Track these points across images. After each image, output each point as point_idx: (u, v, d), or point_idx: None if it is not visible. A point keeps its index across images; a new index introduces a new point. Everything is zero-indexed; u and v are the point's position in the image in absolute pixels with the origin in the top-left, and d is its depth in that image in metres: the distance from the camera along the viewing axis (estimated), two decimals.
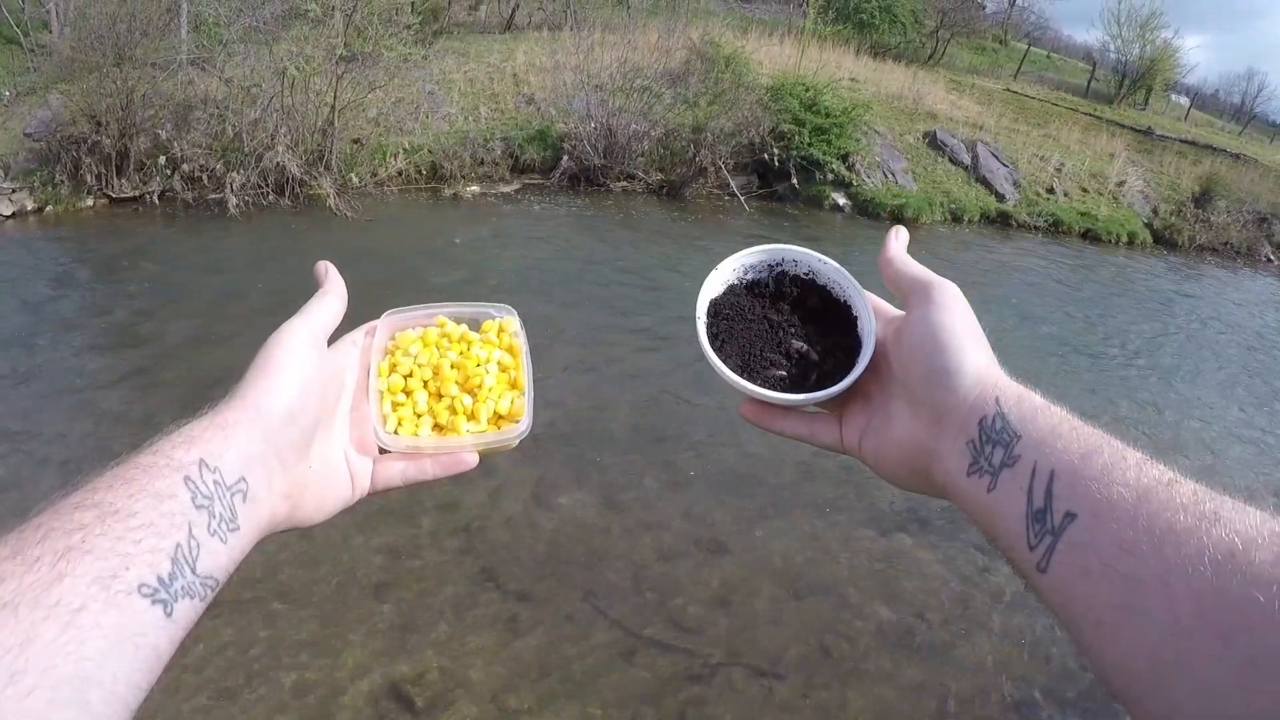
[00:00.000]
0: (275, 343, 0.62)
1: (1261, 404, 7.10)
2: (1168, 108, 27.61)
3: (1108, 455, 0.47)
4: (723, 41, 13.13)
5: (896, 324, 0.64)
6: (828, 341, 0.70)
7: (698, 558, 3.77)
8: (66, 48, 9.00)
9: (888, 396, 0.64)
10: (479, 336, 0.76)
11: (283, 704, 2.76)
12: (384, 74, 9.23)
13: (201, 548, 0.48)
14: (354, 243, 7.81)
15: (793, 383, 0.67)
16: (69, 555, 0.41)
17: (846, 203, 11.92)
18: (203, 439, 0.52)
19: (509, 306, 0.78)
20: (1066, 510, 0.46)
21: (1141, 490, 0.44)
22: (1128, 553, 0.42)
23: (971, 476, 0.53)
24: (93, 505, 0.45)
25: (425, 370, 0.72)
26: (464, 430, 0.70)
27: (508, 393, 0.73)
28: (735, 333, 0.71)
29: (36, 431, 4.15)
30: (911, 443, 0.59)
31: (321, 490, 0.62)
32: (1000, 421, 0.53)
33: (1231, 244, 14.59)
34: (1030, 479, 0.49)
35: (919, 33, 22.91)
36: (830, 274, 0.74)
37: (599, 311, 6.59)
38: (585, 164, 10.74)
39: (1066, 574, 0.45)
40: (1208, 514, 0.41)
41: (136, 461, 0.49)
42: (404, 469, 0.67)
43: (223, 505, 0.51)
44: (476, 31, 15.21)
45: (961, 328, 0.59)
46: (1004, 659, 3.39)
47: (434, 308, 0.76)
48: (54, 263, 6.51)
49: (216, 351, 5.12)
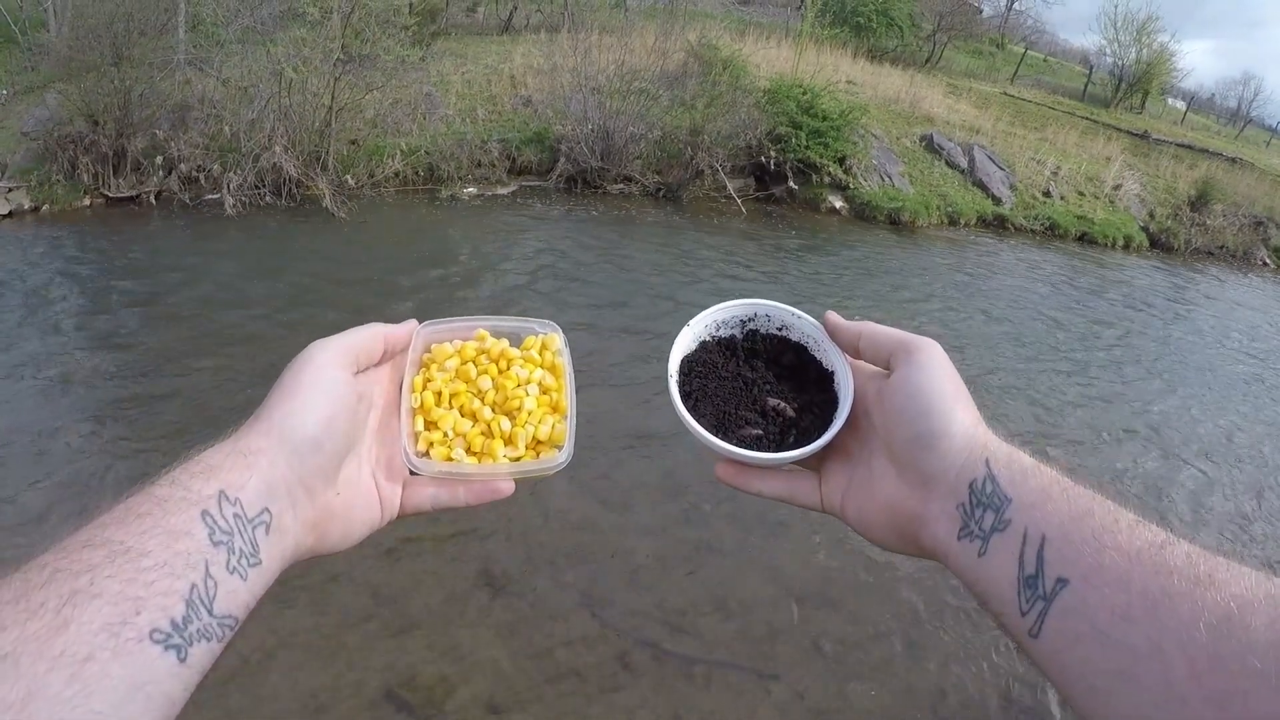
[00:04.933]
0: (303, 362, 0.58)
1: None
2: (1164, 112, 27.68)
3: (1099, 518, 0.46)
4: (720, 44, 13.14)
5: (878, 383, 0.63)
6: (804, 398, 0.69)
7: (694, 560, 3.78)
8: (64, 47, 9.00)
9: (869, 454, 0.62)
10: (520, 354, 0.71)
11: (277, 706, 2.76)
12: (381, 75, 9.23)
13: (220, 587, 0.45)
14: (350, 244, 7.81)
15: (769, 441, 0.65)
16: (75, 600, 0.39)
17: (843, 205, 11.93)
18: (223, 468, 0.50)
19: (553, 323, 0.73)
20: (1058, 576, 0.45)
21: (1133, 554, 0.43)
22: (1121, 618, 0.42)
23: (962, 541, 0.52)
24: (102, 544, 0.42)
25: (460, 387, 0.68)
26: (500, 455, 0.66)
27: (548, 417, 0.68)
28: (709, 391, 0.69)
29: (29, 432, 4.15)
30: (898, 507, 0.58)
31: (349, 516, 0.59)
32: (990, 485, 0.51)
33: (1227, 247, 14.65)
34: (1021, 544, 0.48)
35: (916, 36, 22.94)
36: (805, 329, 0.72)
37: (595, 313, 6.60)
38: (582, 166, 10.74)
39: (1059, 640, 0.44)
40: (1202, 577, 0.41)
41: (152, 494, 0.46)
42: (435, 494, 0.64)
43: (243, 540, 0.48)
44: (474, 33, 15.21)
45: (947, 389, 0.57)
46: (1001, 659, 3.39)
47: (474, 320, 0.72)
48: (50, 262, 6.50)
49: (213, 353, 5.12)
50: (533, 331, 0.73)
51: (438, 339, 0.70)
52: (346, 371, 0.59)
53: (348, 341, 0.61)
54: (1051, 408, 6.18)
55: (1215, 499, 5.21)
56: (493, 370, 0.69)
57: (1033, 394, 6.38)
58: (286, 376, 0.57)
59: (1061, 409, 6.19)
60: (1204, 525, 4.88)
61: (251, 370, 4.89)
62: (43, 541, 0.42)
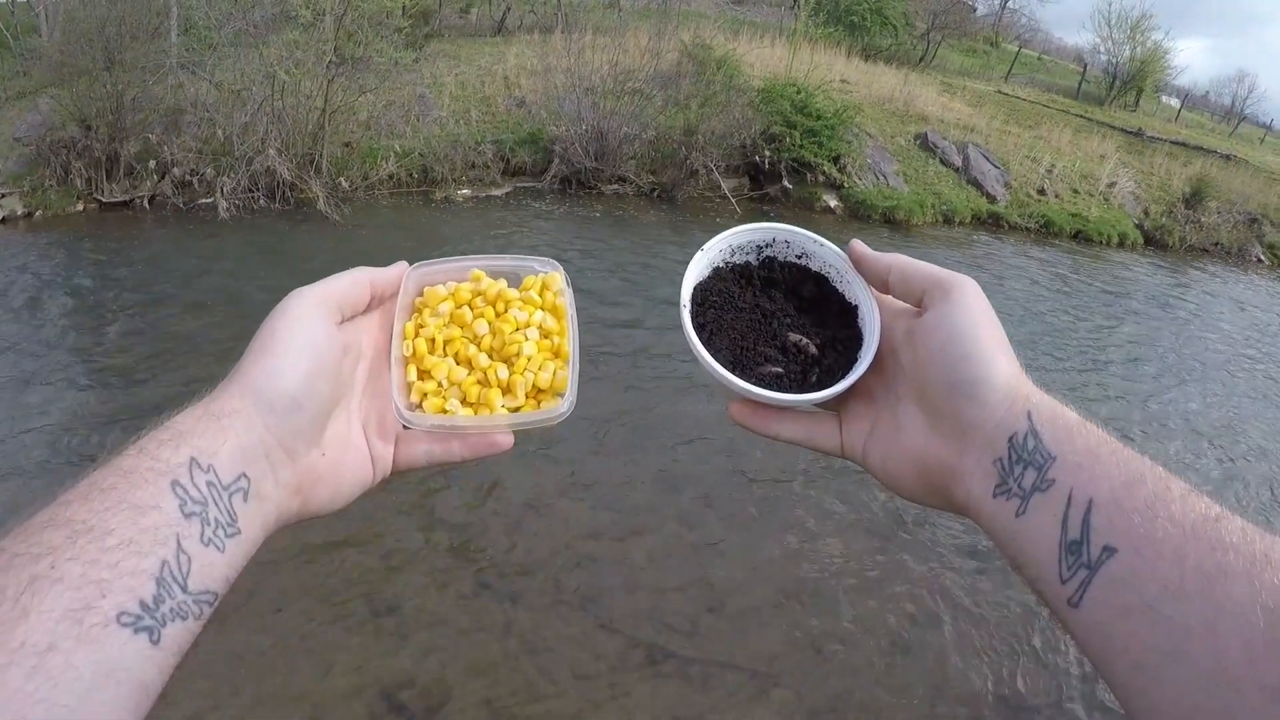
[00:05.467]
0: (279, 314, 0.53)
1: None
2: (1158, 109, 27.75)
3: (1151, 485, 0.43)
4: (714, 44, 13.15)
5: (907, 321, 0.59)
6: (826, 333, 0.64)
7: (690, 560, 3.78)
8: (56, 51, 8.98)
9: (895, 398, 0.58)
10: (518, 295, 0.66)
11: (273, 709, 2.75)
12: (375, 77, 9.23)
13: (194, 561, 0.42)
14: (344, 246, 7.79)
15: (790, 380, 0.61)
16: (35, 586, 0.36)
17: (838, 204, 11.93)
18: (194, 433, 0.46)
19: (553, 260, 0.69)
20: (1105, 544, 0.42)
21: (1188, 526, 0.41)
22: (1173, 595, 0.39)
23: (998, 498, 0.49)
24: (63, 523, 0.39)
25: (455, 333, 0.64)
26: (498, 406, 0.62)
27: (549, 363, 0.64)
28: (724, 323, 0.64)
29: (21, 437, 4.13)
30: (928, 456, 0.54)
31: (337, 477, 0.55)
32: (1033, 440, 0.48)
33: (1222, 244, 14.67)
34: (1065, 507, 0.45)
35: (910, 35, 22.98)
36: (827, 257, 0.67)
37: (590, 313, 6.59)
38: (576, 166, 10.73)
39: (1102, 611, 0.42)
40: (1259, 556, 0.38)
41: (118, 465, 0.43)
42: (429, 449, 0.60)
43: (219, 509, 0.45)
44: (467, 35, 15.21)
45: (987, 334, 0.53)
46: (999, 658, 3.39)
47: (469, 260, 0.67)
48: (43, 268, 6.48)
49: (207, 359, 5.10)
50: (532, 270, 0.68)
51: (430, 281, 0.66)
52: (328, 322, 0.55)
53: (329, 289, 0.57)
54: None
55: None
56: (489, 313, 0.65)
57: None
58: (263, 331, 0.53)
59: None
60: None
61: None
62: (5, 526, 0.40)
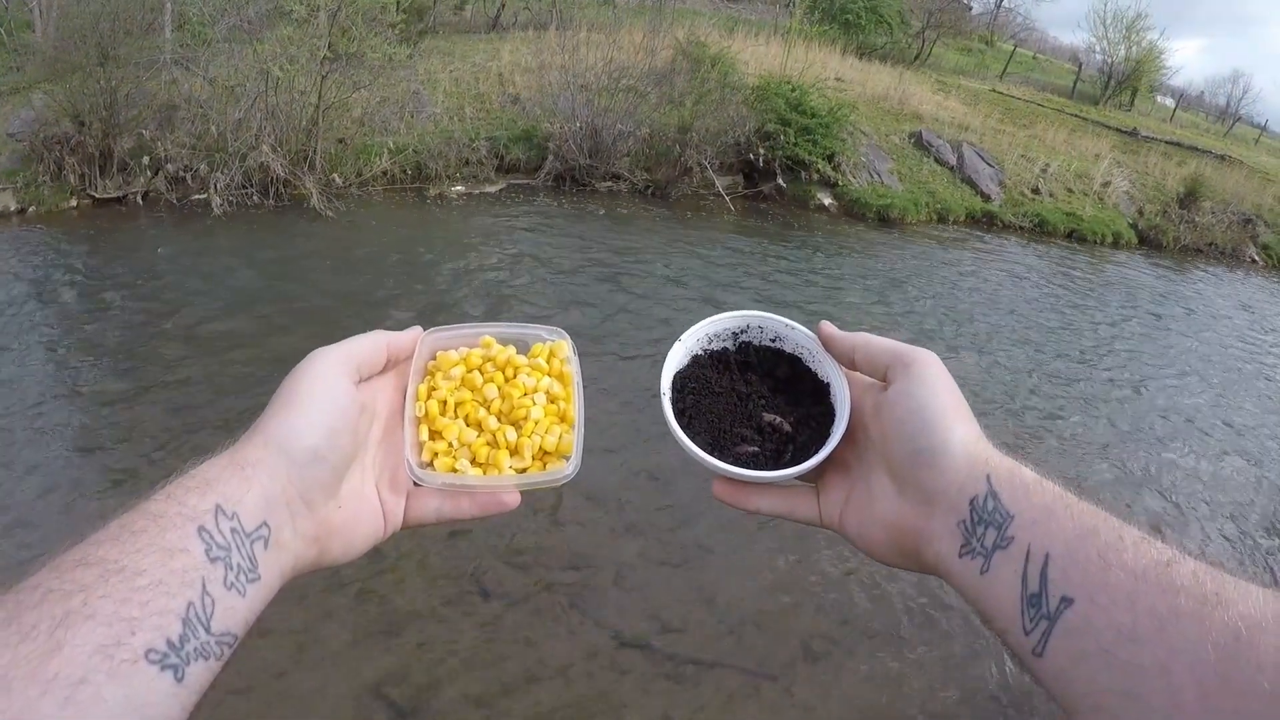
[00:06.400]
0: (303, 371, 0.56)
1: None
2: (1153, 109, 27.80)
3: (1104, 535, 0.45)
4: (709, 41, 13.15)
5: (875, 395, 0.62)
6: (800, 411, 0.67)
7: (683, 559, 3.78)
8: (50, 47, 8.96)
9: (867, 468, 0.61)
10: (526, 361, 0.69)
11: (266, 706, 2.75)
12: (369, 74, 9.21)
13: (217, 604, 0.45)
14: (338, 243, 7.80)
15: (766, 458, 0.64)
16: (68, 621, 0.38)
17: (832, 202, 11.96)
18: (219, 481, 0.48)
19: (561, 330, 0.72)
20: (1062, 595, 0.45)
21: (1139, 572, 0.43)
22: (1127, 638, 0.41)
23: (964, 558, 0.51)
24: (96, 562, 0.41)
25: (465, 396, 0.66)
26: (506, 467, 0.64)
27: (555, 427, 0.67)
28: (703, 408, 0.67)
29: (13, 435, 4.14)
30: (898, 523, 0.57)
31: (352, 529, 0.58)
32: (992, 501, 0.50)
33: (1216, 245, 14.69)
34: (1024, 562, 0.47)
35: (905, 33, 22.98)
36: (798, 340, 0.70)
37: (584, 313, 6.61)
38: (571, 164, 10.74)
39: (1063, 659, 0.44)
40: (1209, 596, 0.40)
41: (146, 510, 0.45)
42: (439, 506, 0.62)
43: (241, 555, 0.47)
44: (461, 31, 15.19)
45: (946, 403, 0.56)
46: (992, 657, 3.40)
47: (479, 327, 0.70)
48: (36, 264, 6.48)
49: (200, 355, 5.11)
50: (540, 338, 0.71)
51: (442, 346, 0.69)
52: (348, 381, 0.57)
53: (349, 349, 0.59)
54: (1053, 405, 6.21)
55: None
56: (499, 378, 0.68)
57: (1039, 384, 6.41)
58: (286, 386, 0.55)
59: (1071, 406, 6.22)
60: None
61: (239, 372, 4.89)
62: (30, 552, 0.42)
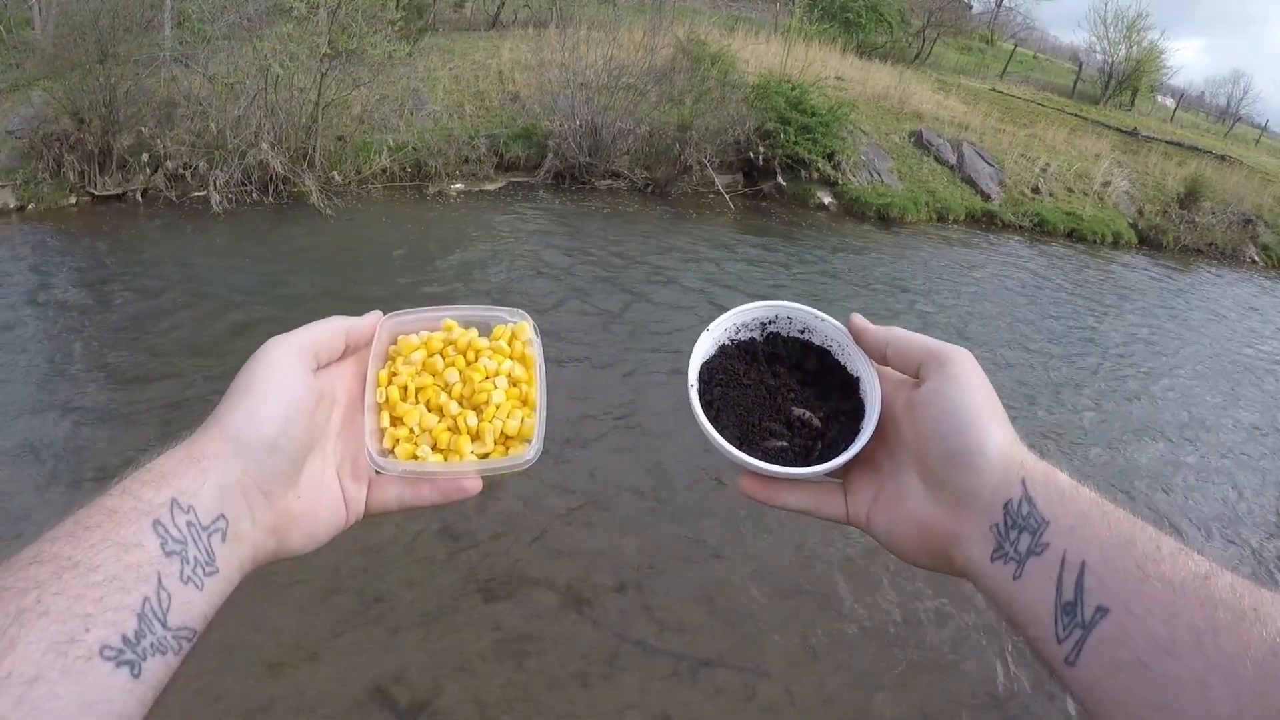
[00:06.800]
0: (259, 360, 0.56)
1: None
2: (1154, 109, 27.80)
3: (1141, 545, 0.45)
4: (709, 40, 13.15)
5: (906, 392, 0.61)
6: (829, 406, 0.66)
7: (681, 557, 3.77)
8: (49, 44, 8.94)
9: (897, 466, 0.60)
10: (488, 344, 0.69)
11: (264, 705, 2.74)
12: (368, 71, 9.21)
13: (174, 598, 0.44)
14: (338, 241, 7.79)
15: (795, 454, 0.63)
16: (21, 619, 0.37)
17: (832, 201, 11.96)
18: (175, 474, 0.48)
19: (522, 311, 0.71)
20: (1098, 604, 0.44)
21: (1178, 585, 0.42)
22: (1164, 651, 0.41)
23: (995, 562, 0.50)
24: (50, 559, 0.41)
25: (426, 381, 0.66)
26: (467, 452, 0.64)
27: (517, 411, 0.66)
28: (730, 400, 0.66)
29: (11, 432, 4.14)
30: (929, 523, 0.56)
31: (312, 519, 0.57)
32: (1027, 506, 0.50)
33: (1216, 245, 14.68)
34: (1060, 569, 0.46)
35: (905, 32, 22.99)
36: (828, 331, 0.69)
37: (583, 310, 6.60)
38: (570, 162, 10.74)
39: (1097, 669, 0.43)
40: (1247, 611, 0.40)
41: (102, 505, 0.45)
42: (400, 493, 0.62)
43: (198, 548, 0.47)
44: (461, 29, 15.20)
45: (982, 404, 0.55)
46: (991, 657, 3.39)
47: (440, 310, 0.69)
48: (35, 261, 6.48)
49: (199, 352, 5.12)
50: (502, 320, 0.70)
51: (403, 330, 0.68)
52: (305, 369, 0.57)
53: (306, 337, 0.59)
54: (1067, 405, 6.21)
55: None
56: (460, 362, 0.67)
57: (1034, 385, 6.42)
58: (241, 376, 0.55)
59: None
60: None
61: (238, 368, 4.85)
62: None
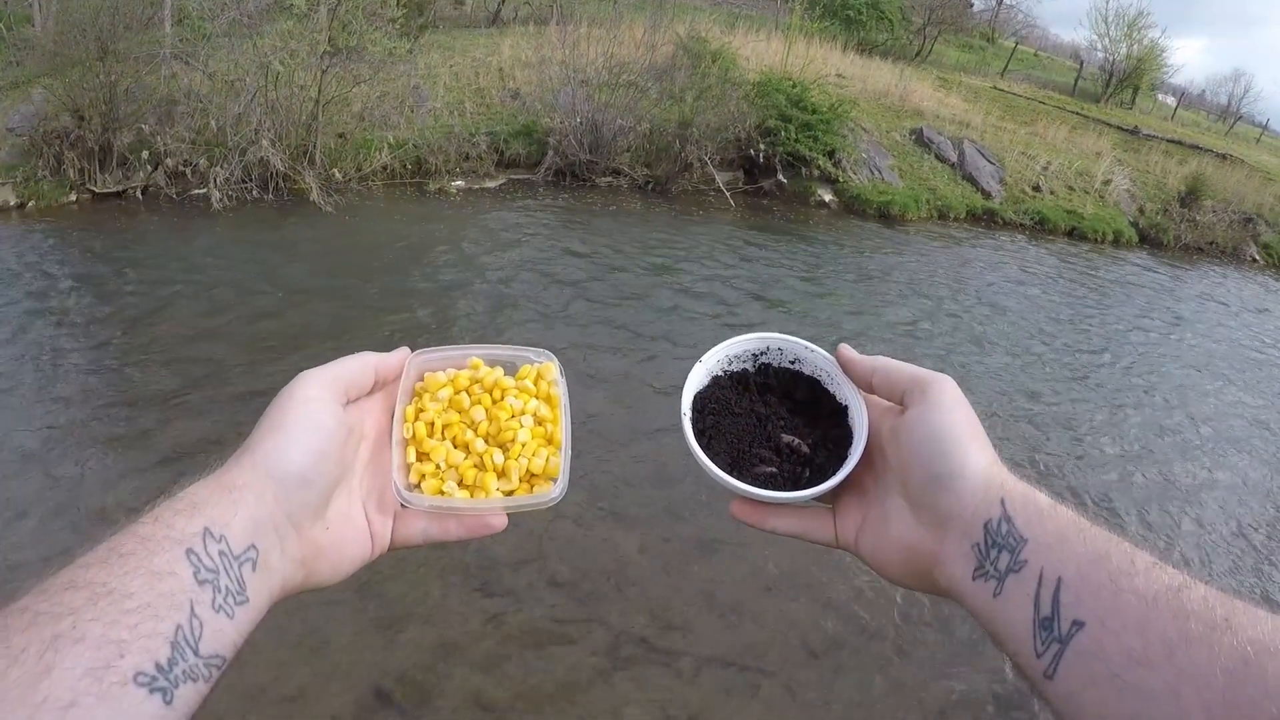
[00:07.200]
0: (291, 394, 0.57)
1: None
2: (1154, 108, 27.77)
3: (1116, 560, 0.46)
4: (709, 37, 13.13)
5: (892, 419, 0.63)
6: (817, 433, 0.68)
7: (683, 556, 3.77)
8: (49, 42, 8.93)
9: (884, 490, 0.62)
10: (514, 383, 0.70)
11: (262, 702, 2.74)
12: (368, 68, 9.21)
13: (205, 626, 0.45)
14: (337, 239, 7.80)
15: (784, 479, 0.65)
16: (57, 644, 0.38)
17: (833, 199, 11.95)
18: (207, 504, 0.49)
19: (549, 351, 0.73)
20: (1074, 619, 0.45)
21: (1150, 597, 0.43)
22: (1137, 663, 0.42)
23: (977, 581, 0.52)
24: (84, 585, 0.41)
25: (453, 418, 0.67)
26: (493, 489, 0.65)
27: (543, 449, 0.67)
28: (722, 428, 0.69)
29: (12, 431, 4.14)
30: (913, 545, 0.58)
31: (339, 551, 0.58)
32: (1006, 525, 0.52)
33: (1217, 243, 14.66)
34: (1037, 586, 0.48)
35: (906, 30, 22.95)
36: (817, 362, 0.72)
37: (583, 309, 6.60)
38: (571, 159, 10.74)
39: (1074, 682, 0.44)
40: (1219, 622, 0.41)
41: (135, 532, 0.46)
42: (426, 528, 0.63)
43: (229, 578, 0.48)
44: (462, 26, 15.20)
45: (963, 429, 0.57)
46: (991, 656, 3.38)
47: (467, 349, 0.71)
48: (35, 259, 6.47)
49: (199, 351, 5.12)
50: (528, 360, 0.72)
51: (430, 368, 0.69)
52: (335, 403, 0.58)
53: (336, 372, 0.60)
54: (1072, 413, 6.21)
55: None
56: (486, 400, 0.68)
57: (1031, 387, 6.41)
58: (273, 409, 0.56)
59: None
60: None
61: (237, 369, 4.89)
62: (22, 555, 0.42)
